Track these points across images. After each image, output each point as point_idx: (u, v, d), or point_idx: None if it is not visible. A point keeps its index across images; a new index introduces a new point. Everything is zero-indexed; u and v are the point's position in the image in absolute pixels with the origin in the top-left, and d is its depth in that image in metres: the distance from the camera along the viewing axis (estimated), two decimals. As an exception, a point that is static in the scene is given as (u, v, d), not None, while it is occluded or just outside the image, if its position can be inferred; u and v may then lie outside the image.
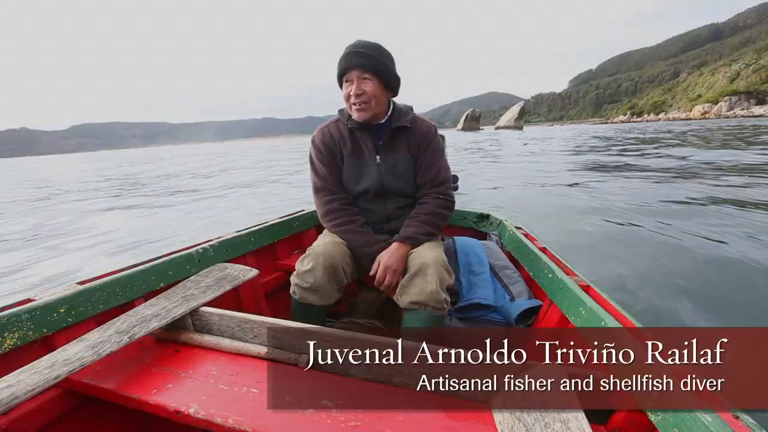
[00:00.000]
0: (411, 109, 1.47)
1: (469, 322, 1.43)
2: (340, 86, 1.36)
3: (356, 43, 1.31)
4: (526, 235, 1.74)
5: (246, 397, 0.74)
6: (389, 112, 1.41)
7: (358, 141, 1.41)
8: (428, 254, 1.23)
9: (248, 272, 1.23)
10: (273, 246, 1.81)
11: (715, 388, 0.69)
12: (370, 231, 1.39)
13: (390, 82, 1.35)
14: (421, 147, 1.42)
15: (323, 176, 1.42)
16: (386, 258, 1.28)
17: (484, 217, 2.11)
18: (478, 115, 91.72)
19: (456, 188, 2.12)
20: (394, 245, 1.31)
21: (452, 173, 2.14)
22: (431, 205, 1.39)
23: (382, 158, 1.40)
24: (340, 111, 1.46)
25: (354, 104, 1.32)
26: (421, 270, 1.20)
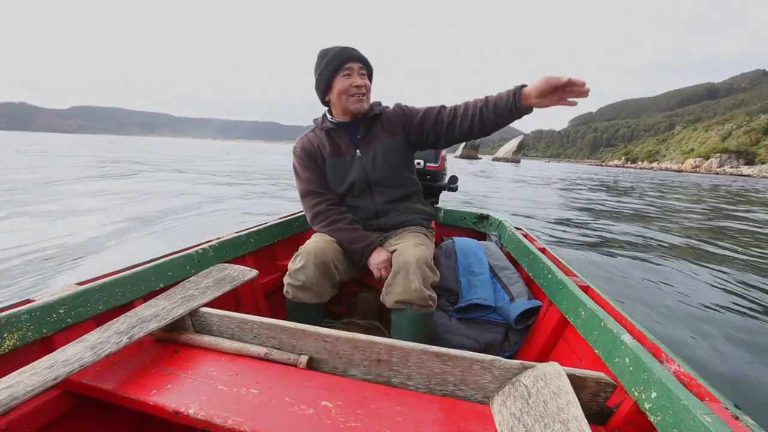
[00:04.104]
0: (379, 102, 1.50)
1: (468, 322, 1.44)
2: (326, 88, 1.37)
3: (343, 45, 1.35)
4: (525, 236, 1.75)
5: (245, 397, 0.73)
6: None
7: (335, 141, 1.44)
8: (411, 252, 1.24)
9: (248, 273, 1.23)
10: (272, 247, 1.81)
11: (715, 389, 0.70)
12: (359, 227, 1.40)
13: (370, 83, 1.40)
14: (404, 119, 1.44)
15: (307, 180, 1.44)
16: (375, 257, 1.33)
17: (483, 218, 2.12)
18: (477, 144, 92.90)
19: (455, 189, 2.14)
20: None
21: (452, 174, 2.18)
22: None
23: (362, 151, 1.42)
24: (314, 120, 1.51)
25: (354, 95, 1.35)
26: (403, 269, 1.20)
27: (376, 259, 1.33)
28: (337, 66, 1.33)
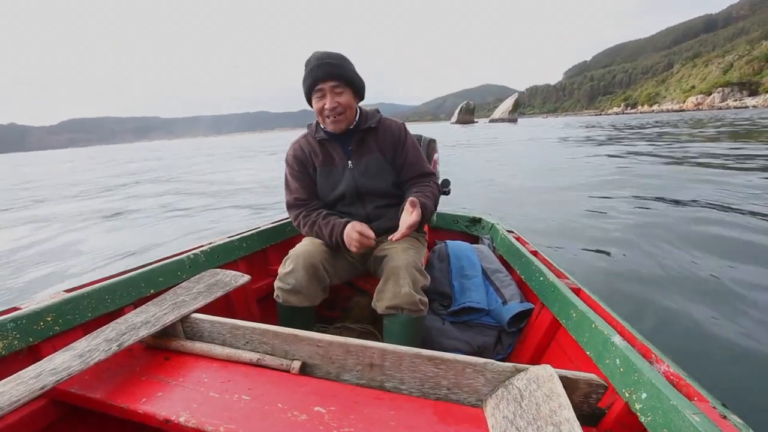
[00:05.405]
0: (377, 111, 1.48)
1: (461, 325, 1.44)
2: (309, 100, 1.34)
3: (320, 54, 1.28)
4: (517, 239, 1.75)
5: (237, 404, 0.73)
6: (357, 118, 1.41)
7: (328, 151, 1.43)
8: (400, 257, 1.23)
9: (240, 278, 1.22)
10: (265, 251, 1.80)
11: (703, 389, 0.70)
12: (334, 216, 1.37)
13: (359, 88, 1.36)
14: (397, 146, 1.43)
15: (295, 190, 1.44)
16: (348, 231, 1.26)
17: (476, 221, 2.12)
18: (472, 107, 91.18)
19: (448, 192, 2.12)
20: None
21: (444, 177, 2.13)
22: (431, 189, 1.40)
23: (354, 163, 1.41)
24: (308, 125, 1.49)
25: (329, 117, 1.32)
26: (393, 274, 1.20)
27: (350, 233, 1.26)
28: (309, 88, 1.31)
